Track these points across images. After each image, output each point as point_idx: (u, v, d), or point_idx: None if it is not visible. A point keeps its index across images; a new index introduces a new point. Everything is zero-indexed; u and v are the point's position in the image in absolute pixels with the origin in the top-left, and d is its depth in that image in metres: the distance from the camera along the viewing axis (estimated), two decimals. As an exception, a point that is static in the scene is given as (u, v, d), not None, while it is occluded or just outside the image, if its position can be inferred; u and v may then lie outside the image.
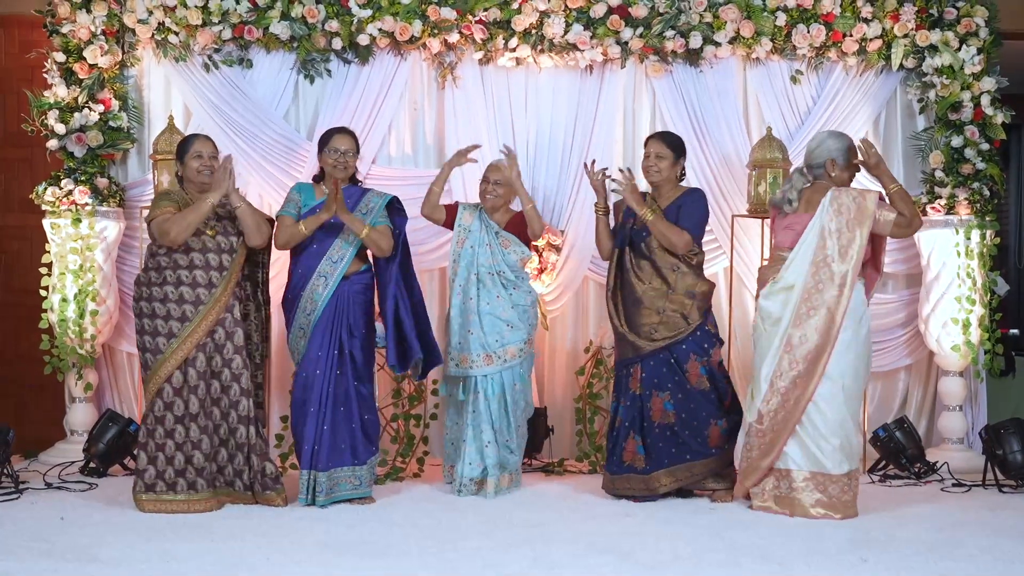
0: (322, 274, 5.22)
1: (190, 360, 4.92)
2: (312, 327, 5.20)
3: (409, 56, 6.33)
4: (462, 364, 5.44)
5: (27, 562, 4.12)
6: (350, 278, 5.26)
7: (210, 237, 5.00)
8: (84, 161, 6.09)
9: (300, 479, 5.11)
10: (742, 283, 6.43)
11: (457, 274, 5.52)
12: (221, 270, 4.99)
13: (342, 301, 5.22)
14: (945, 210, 6.14)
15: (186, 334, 4.91)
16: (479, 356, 5.40)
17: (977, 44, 6.22)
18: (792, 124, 6.43)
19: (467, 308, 5.45)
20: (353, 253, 5.25)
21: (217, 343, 4.96)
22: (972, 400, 6.43)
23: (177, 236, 4.92)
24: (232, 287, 5.02)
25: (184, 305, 4.94)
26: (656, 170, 5.36)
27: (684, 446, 5.21)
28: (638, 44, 6.21)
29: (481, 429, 5.39)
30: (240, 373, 4.99)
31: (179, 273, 4.96)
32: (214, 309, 4.94)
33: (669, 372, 5.23)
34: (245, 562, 4.16)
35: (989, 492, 5.61)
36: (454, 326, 5.48)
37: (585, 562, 4.20)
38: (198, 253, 4.97)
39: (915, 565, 4.20)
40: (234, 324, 5.00)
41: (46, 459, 6.06)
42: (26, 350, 6.47)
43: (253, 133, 6.25)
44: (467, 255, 5.52)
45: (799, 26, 6.23)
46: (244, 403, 4.99)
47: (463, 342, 5.43)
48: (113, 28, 6.13)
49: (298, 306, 5.23)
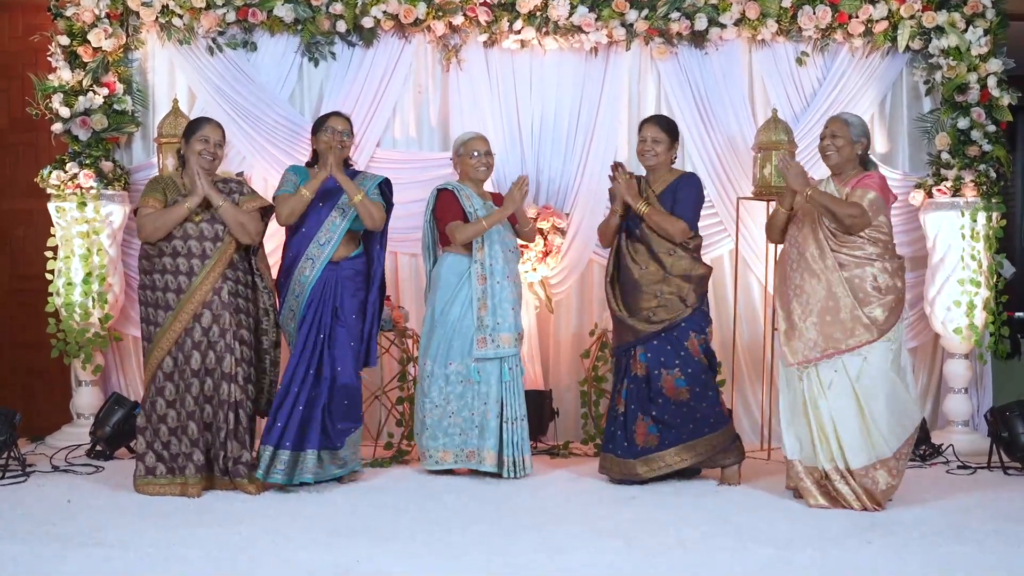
0: (309, 256, 5.23)
1: (179, 344, 4.94)
2: (301, 309, 5.23)
3: (414, 39, 6.32)
4: (504, 344, 5.37)
5: (34, 545, 4.13)
6: (340, 263, 5.26)
7: (194, 224, 4.99)
8: (89, 145, 6.09)
9: (262, 455, 5.06)
10: (747, 266, 6.43)
11: (486, 255, 5.39)
12: (203, 258, 4.98)
13: (329, 284, 5.23)
14: (951, 192, 6.12)
15: (169, 323, 4.94)
16: (513, 336, 5.39)
17: (984, 25, 6.18)
18: (798, 106, 6.41)
19: (503, 288, 5.38)
20: (340, 236, 5.25)
21: (204, 327, 4.96)
22: (977, 383, 6.43)
23: (150, 236, 4.98)
24: (217, 274, 4.98)
25: (168, 293, 4.97)
26: (653, 154, 5.33)
27: (702, 420, 5.22)
28: (643, 26, 6.19)
29: (519, 407, 5.39)
30: (223, 357, 4.97)
31: (164, 261, 4.98)
32: (195, 296, 4.94)
33: (673, 350, 5.22)
34: (251, 546, 4.16)
35: (994, 474, 5.61)
36: (490, 306, 5.35)
37: (592, 546, 4.20)
38: (180, 240, 4.98)
39: (920, 548, 4.20)
40: (221, 307, 4.98)
41: (53, 442, 6.08)
42: (32, 335, 6.48)
43: (257, 116, 6.25)
44: (493, 235, 5.42)
45: (805, 7, 6.21)
46: (225, 387, 4.97)
47: (502, 322, 5.36)
48: (117, 11, 6.12)
49: (288, 288, 5.28)
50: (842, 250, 4.85)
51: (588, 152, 6.35)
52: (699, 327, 5.26)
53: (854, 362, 4.80)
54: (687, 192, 5.30)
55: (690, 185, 5.33)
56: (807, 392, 4.87)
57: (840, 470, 4.79)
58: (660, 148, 5.33)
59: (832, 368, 4.82)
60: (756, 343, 6.43)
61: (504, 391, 5.37)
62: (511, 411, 5.36)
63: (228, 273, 5.05)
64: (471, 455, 5.39)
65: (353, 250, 5.34)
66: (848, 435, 4.78)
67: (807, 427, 4.88)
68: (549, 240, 6.22)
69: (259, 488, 5.01)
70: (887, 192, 4.93)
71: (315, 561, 4.01)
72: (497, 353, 5.35)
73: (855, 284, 4.82)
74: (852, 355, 4.79)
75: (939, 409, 6.46)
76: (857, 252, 4.85)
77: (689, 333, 5.23)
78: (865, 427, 4.78)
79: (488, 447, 5.34)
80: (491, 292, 5.36)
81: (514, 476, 5.32)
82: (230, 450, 4.98)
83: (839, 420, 4.79)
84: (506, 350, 5.36)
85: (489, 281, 5.37)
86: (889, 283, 4.84)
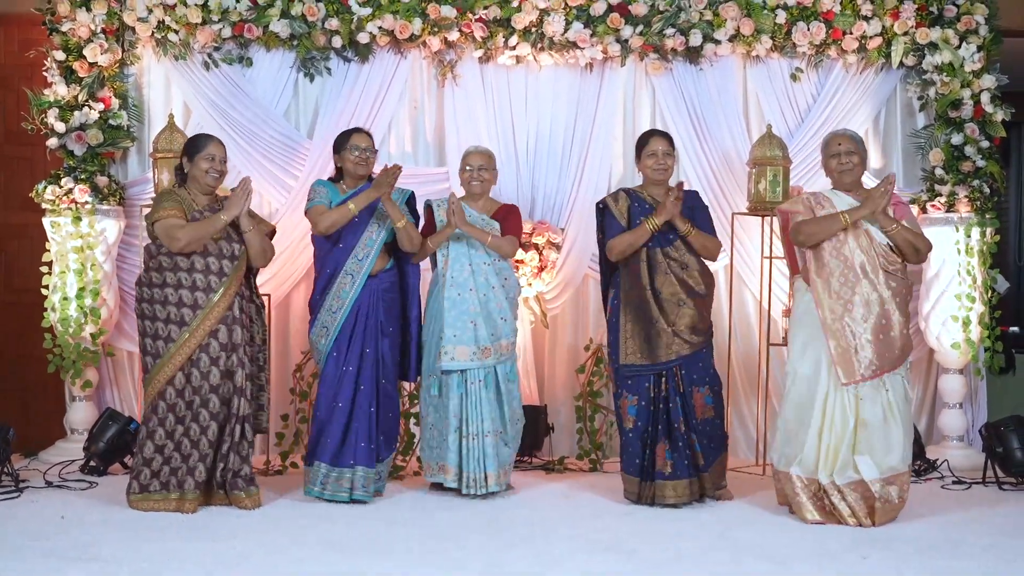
0: (348, 272, 5.22)
1: (193, 361, 4.91)
2: (339, 325, 5.21)
3: (409, 54, 6.33)
4: (459, 358, 5.35)
5: (28, 561, 4.11)
6: (377, 276, 5.27)
7: (212, 242, 4.96)
8: (84, 159, 6.08)
9: (314, 471, 5.13)
10: (742, 281, 6.44)
11: (449, 267, 5.39)
12: (221, 275, 4.95)
13: (372, 298, 5.24)
14: (945, 208, 6.14)
15: (184, 338, 4.88)
16: (478, 349, 5.35)
17: (977, 41, 6.22)
18: (792, 122, 6.43)
19: (464, 300, 5.35)
20: (378, 250, 5.26)
21: (221, 343, 4.94)
22: (972, 398, 6.43)
23: (186, 246, 4.88)
24: (233, 292, 4.98)
25: (183, 308, 4.91)
26: (665, 168, 5.28)
27: (722, 437, 5.25)
28: (638, 42, 6.21)
29: (483, 422, 5.33)
30: (235, 371, 4.97)
31: (179, 275, 4.92)
32: (213, 313, 4.90)
33: (705, 368, 5.21)
34: (247, 561, 4.16)
35: (989, 490, 5.61)
36: (448, 319, 5.33)
37: (588, 561, 4.20)
38: (199, 257, 4.93)
39: (916, 563, 4.20)
40: (234, 323, 4.97)
41: (46, 458, 6.05)
42: (27, 349, 6.45)
43: (253, 131, 6.25)
44: (459, 247, 5.41)
45: (799, 24, 6.23)
46: (236, 401, 4.97)
47: (460, 335, 5.34)
48: (113, 26, 6.12)
49: (323, 305, 5.25)
50: (890, 268, 4.88)
51: (583, 167, 6.36)
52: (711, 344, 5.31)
53: (896, 381, 4.85)
54: (704, 213, 5.35)
55: (703, 203, 5.40)
56: (836, 408, 4.83)
57: (839, 485, 4.78)
58: (671, 162, 5.31)
59: (879, 387, 4.82)
60: (751, 357, 6.43)
61: (465, 405, 5.34)
62: (473, 426, 5.31)
63: (242, 291, 5.06)
64: (441, 468, 5.40)
65: (387, 263, 5.35)
66: (873, 449, 4.78)
67: (816, 441, 4.85)
68: (544, 255, 6.22)
69: (256, 503, 5.00)
70: None
71: (311, 575, 3.99)
72: (451, 366, 5.31)
73: (900, 303, 4.87)
74: (894, 374, 4.84)
75: (934, 424, 6.46)
76: (900, 273, 4.91)
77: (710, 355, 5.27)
78: (892, 445, 4.79)
79: (448, 462, 5.35)
80: (451, 304, 5.34)
81: (473, 494, 5.28)
82: (231, 463, 4.97)
83: (871, 437, 4.79)
84: (464, 363, 5.32)
85: (449, 292, 5.36)
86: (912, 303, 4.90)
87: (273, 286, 6.16)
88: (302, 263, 6.19)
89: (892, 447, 4.78)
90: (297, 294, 6.39)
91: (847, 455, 4.79)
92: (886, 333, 4.82)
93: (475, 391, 5.33)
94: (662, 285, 5.18)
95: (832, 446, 4.82)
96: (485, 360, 5.34)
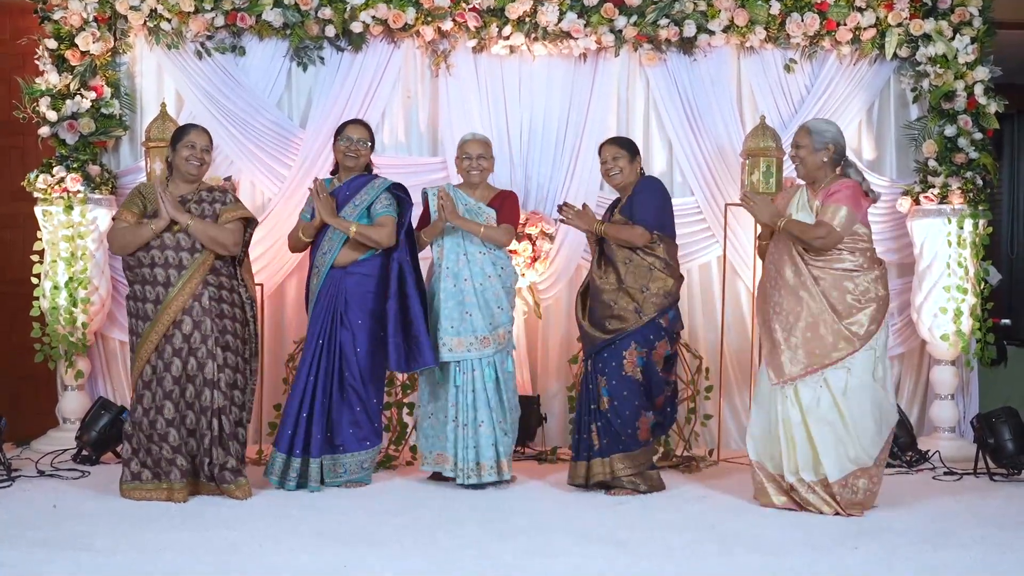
0: (316, 266, 5.33)
1: (159, 352, 4.93)
2: (310, 317, 5.31)
3: (403, 44, 6.32)
4: (456, 348, 5.36)
5: (20, 550, 4.11)
6: (346, 268, 5.27)
7: (171, 235, 4.98)
8: (76, 148, 6.07)
9: (272, 459, 5.20)
10: (735, 272, 6.44)
11: (444, 257, 5.41)
12: (180, 268, 4.95)
13: (333, 291, 5.26)
14: (938, 199, 6.15)
15: (147, 333, 4.94)
16: (476, 339, 5.34)
17: (971, 33, 6.22)
18: (786, 113, 6.43)
19: (461, 290, 5.36)
20: (340, 244, 5.27)
21: (185, 333, 4.94)
22: (963, 389, 6.45)
23: (116, 252, 5.11)
24: (196, 283, 4.95)
25: (147, 304, 4.96)
26: (617, 171, 5.28)
27: (616, 436, 5.16)
28: (632, 32, 6.20)
29: (478, 412, 5.33)
30: (204, 363, 4.95)
31: (142, 272, 4.98)
32: (172, 305, 4.92)
33: (610, 358, 5.17)
34: (238, 551, 4.15)
35: (980, 480, 5.62)
36: (445, 310, 5.36)
37: (580, 551, 4.20)
38: (157, 251, 4.97)
39: (907, 554, 4.21)
40: (202, 313, 4.95)
41: (38, 447, 6.05)
42: (19, 339, 6.44)
43: (246, 121, 6.24)
44: (454, 238, 5.41)
45: (793, 15, 6.23)
46: (207, 394, 4.95)
47: (457, 326, 5.35)
48: (105, 15, 6.11)
49: (308, 298, 5.41)
50: (817, 264, 4.84)
51: (577, 158, 6.36)
52: (645, 340, 5.14)
53: (838, 375, 4.79)
54: (643, 196, 5.24)
55: (645, 188, 5.28)
56: (780, 408, 4.87)
57: (807, 482, 4.80)
58: (623, 163, 5.28)
59: (816, 384, 4.81)
60: (744, 349, 6.44)
61: (461, 395, 5.35)
62: (463, 415, 5.33)
63: (210, 279, 5.02)
64: (441, 458, 5.41)
65: (360, 255, 5.31)
66: (828, 449, 4.77)
67: (777, 441, 4.89)
68: (537, 246, 6.22)
69: (247, 493, 4.99)
70: (859, 200, 4.86)
71: (303, 565, 4.00)
72: (448, 357, 5.34)
73: (833, 298, 4.81)
74: (835, 368, 4.79)
75: (925, 415, 6.48)
76: (835, 265, 4.84)
77: (631, 343, 5.14)
78: (848, 440, 4.78)
79: (448, 452, 5.37)
80: (447, 295, 5.37)
81: (464, 482, 5.29)
82: (215, 457, 4.96)
83: (819, 436, 4.78)
84: (461, 354, 5.33)
85: (444, 283, 5.39)
86: (871, 291, 4.84)
87: (266, 276, 6.16)
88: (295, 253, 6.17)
89: (854, 444, 4.78)
90: (290, 283, 6.39)
91: (807, 452, 4.81)
92: (814, 331, 4.80)
93: (472, 381, 5.34)
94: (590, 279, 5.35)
95: (789, 446, 4.85)
96: (485, 350, 5.35)
